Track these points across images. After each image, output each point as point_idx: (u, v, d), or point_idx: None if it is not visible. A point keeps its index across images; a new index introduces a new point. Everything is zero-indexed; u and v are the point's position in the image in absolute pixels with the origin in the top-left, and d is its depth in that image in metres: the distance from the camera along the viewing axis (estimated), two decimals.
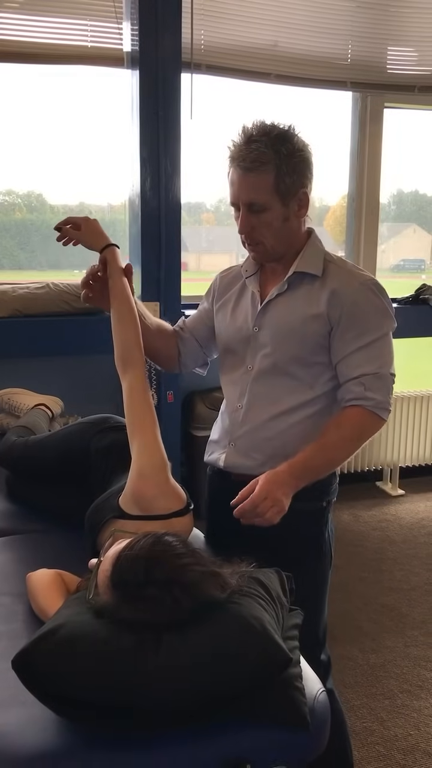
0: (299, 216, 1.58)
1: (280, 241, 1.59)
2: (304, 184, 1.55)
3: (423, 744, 2.12)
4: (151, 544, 1.23)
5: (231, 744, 1.14)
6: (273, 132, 1.51)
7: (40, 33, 3.04)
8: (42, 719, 1.15)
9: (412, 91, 3.74)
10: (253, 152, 1.49)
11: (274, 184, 1.51)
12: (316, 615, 1.67)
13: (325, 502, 1.68)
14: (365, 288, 1.57)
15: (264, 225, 1.55)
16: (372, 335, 1.55)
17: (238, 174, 1.53)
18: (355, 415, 1.55)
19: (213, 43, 3.29)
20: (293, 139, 1.53)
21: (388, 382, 1.56)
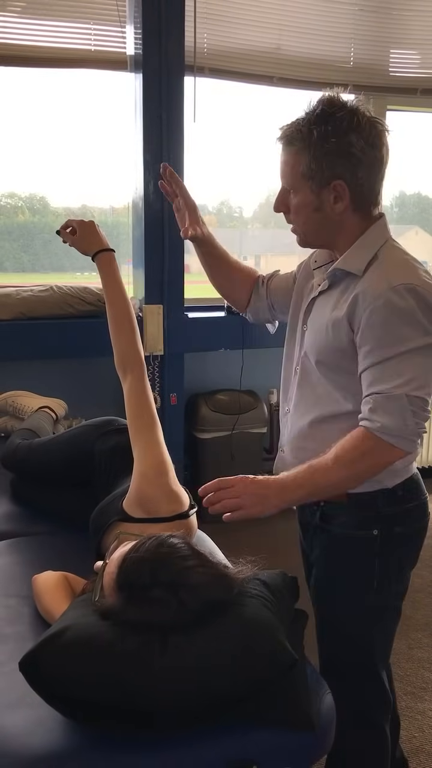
0: (336, 209, 1.38)
1: (317, 231, 1.44)
2: (338, 175, 1.35)
3: (427, 746, 2.12)
4: (156, 546, 1.24)
5: (237, 745, 1.15)
6: (318, 108, 1.35)
7: (44, 37, 3.05)
8: (49, 721, 1.16)
9: (415, 93, 3.74)
10: (291, 127, 1.37)
11: (302, 166, 1.36)
12: (363, 656, 1.53)
13: (377, 531, 1.45)
14: (394, 292, 1.30)
15: (295, 209, 1.42)
16: (392, 349, 1.31)
17: (280, 146, 1.42)
18: (357, 437, 1.34)
19: (216, 46, 3.30)
20: (334, 122, 1.33)
21: (403, 404, 1.30)
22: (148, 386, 1.69)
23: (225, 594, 1.21)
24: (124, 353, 1.70)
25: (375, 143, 1.36)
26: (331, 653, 1.55)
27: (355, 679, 1.52)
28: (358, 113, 1.34)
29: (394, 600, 1.52)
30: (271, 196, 4.40)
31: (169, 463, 1.59)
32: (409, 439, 1.33)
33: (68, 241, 1.83)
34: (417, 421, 1.32)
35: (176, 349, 3.27)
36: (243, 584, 1.26)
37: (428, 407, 1.34)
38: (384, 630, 1.54)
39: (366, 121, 1.34)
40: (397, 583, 1.51)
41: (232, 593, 1.22)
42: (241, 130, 3.72)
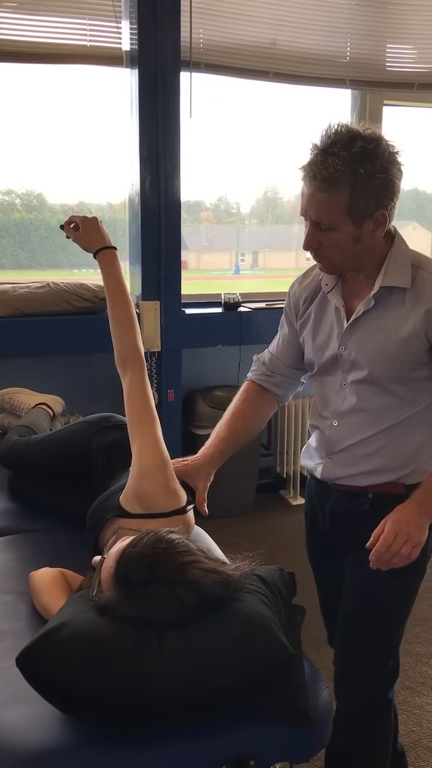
0: (375, 236, 1.42)
1: (351, 258, 1.46)
2: (383, 205, 1.39)
3: (425, 740, 2.13)
4: (154, 541, 1.24)
5: (234, 740, 1.15)
6: (354, 146, 1.33)
7: (39, 32, 3.04)
8: (46, 716, 1.16)
9: (411, 88, 3.73)
10: (328, 168, 1.33)
11: (346, 207, 1.36)
12: (397, 622, 1.61)
13: None
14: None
15: (331, 243, 1.42)
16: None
17: (309, 189, 1.38)
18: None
19: (212, 41, 3.29)
20: (377, 159, 1.35)
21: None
22: (148, 383, 1.69)
23: (222, 590, 1.21)
24: (125, 350, 1.70)
25: (401, 167, 1.40)
26: (366, 628, 1.58)
27: (376, 660, 1.58)
28: (386, 142, 1.38)
29: (423, 577, 1.59)
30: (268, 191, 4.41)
31: (168, 459, 1.59)
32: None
33: (71, 237, 1.82)
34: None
35: (173, 345, 3.27)
36: (240, 580, 1.26)
37: None
38: (410, 608, 1.61)
39: (393, 149, 1.39)
40: (429, 560, 1.58)
41: (230, 589, 1.22)
42: (238, 125, 3.72)
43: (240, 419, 1.70)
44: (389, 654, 1.61)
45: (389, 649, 1.61)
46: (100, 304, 3.12)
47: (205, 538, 1.81)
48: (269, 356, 1.74)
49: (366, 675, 1.59)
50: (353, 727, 1.58)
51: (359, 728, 1.59)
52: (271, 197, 4.36)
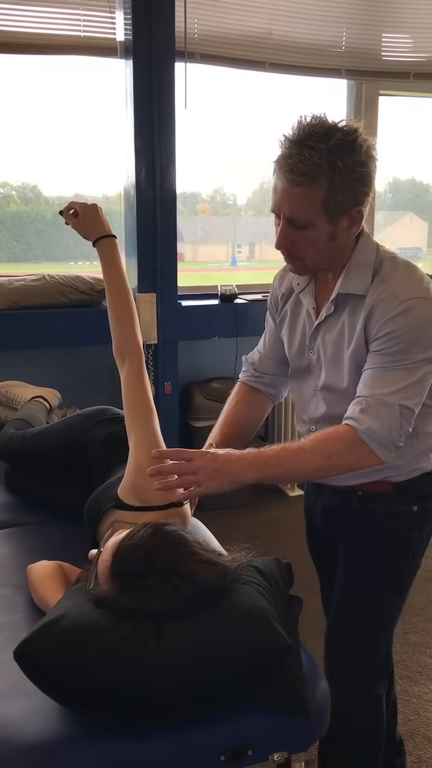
0: (350, 233, 1.37)
1: (324, 257, 1.40)
2: (359, 202, 1.33)
3: (423, 729, 2.14)
4: (150, 533, 1.24)
5: (232, 731, 1.16)
6: (332, 138, 1.27)
7: (32, 23, 3.02)
8: (44, 709, 1.16)
9: (407, 78, 3.72)
10: (305, 162, 1.26)
11: (323, 203, 1.30)
12: (383, 620, 1.57)
13: (418, 507, 1.51)
14: (417, 303, 1.32)
15: (305, 242, 1.36)
16: (400, 359, 1.33)
17: (283, 183, 1.31)
18: (339, 433, 1.35)
19: (207, 31, 3.27)
20: (356, 152, 1.28)
21: (394, 413, 1.32)
22: (146, 375, 1.69)
23: (219, 581, 1.21)
24: (123, 341, 1.70)
25: (376, 161, 1.34)
26: (346, 624, 1.58)
27: (366, 649, 1.57)
28: (363, 134, 1.31)
29: (416, 570, 1.58)
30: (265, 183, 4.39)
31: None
32: (388, 448, 1.34)
33: (70, 224, 1.80)
34: (400, 434, 1.34)
35: (170, 337, 3.27)
36: (237, 571, 1.26)
37: (412, 421, 1.36)
38: (399, 601, 1.59)
39: (368, 139, 1.32)
40: (420, 556, 1.57)
41: (227, 580, 1.22)
42: (233, 116, 3.70)
43: (233, 424, 1.67)
44: (375, 650, 1.58)
45: (374, 645, 1.58)
46: (96, 297, 3.12)
47: (202, 529, 1.82)
48: (258, 356, 1.71)
49: (350, 671, 1.56)
50: (340, 721, 1.57)
51: (346, 723, 1.56)
52: (268, 188, 4.34)
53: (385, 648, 1.62)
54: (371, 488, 1.50)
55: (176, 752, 1.13)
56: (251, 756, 1.16)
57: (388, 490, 1.49)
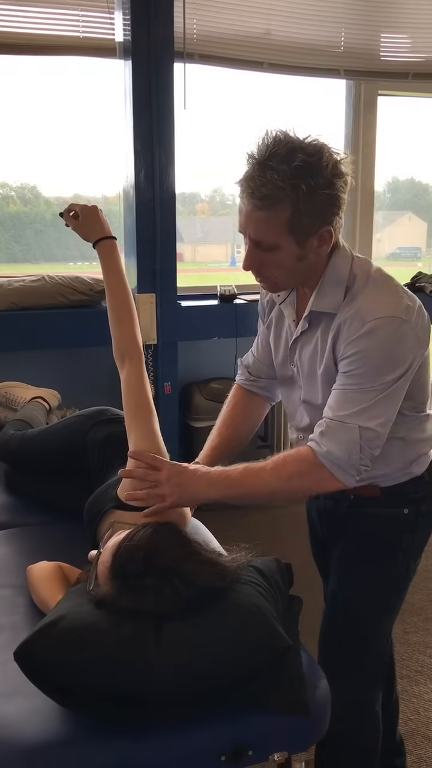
0: (320, 252, 1.34)
1: (294, 277, 1.39)
2: (328, 222, 1.30)
3: (423, 728, 2.14)
4: (150, 534, 1.24)
5: (232, 731, 1.16)
6: (295, 159, 1.23)
7: (31, 24, 3.02)
8: (45, 709, 1.16)
9: (406, 78, 3.72)
10: (267, 185, 1.23)
11: (288, 226, 1.27)
12: (374, 624, 1.55)
13: (408, 510, 1.49)
14: (381, 324, 1.29)
15: (273, 263, 1.34)
16: (362, 381, 1.31)
17: (246, 206, 1.28)
18: (300, 455, 1.34)
19: (205, 32, 3.27)
20: (321, 172, 1.24)
21: (354, 436, 1.29)
22: (146, 375, 1.69)
23: (219, 581, 1.21)
24: (123, 342, 1.70)
25: (347, 178, 1.30)
26: (340, 627, 1.57)
27: (357, 652, 1.55)
28: (330, 152, 1.27)
29: (410, 574, 1.57)
30: None
31: (164, 452, 1.59)
32: (349, 472, 1.32)
33: (70, 225, 1.80)
34: (362, 457, 1.31)
35: (169, 337, 3.27)
36: (237, 571, 1.26)
37: (379, 443, 1.33)
38: (392, 604, 1.57)
39: (338, 158, 1.28)
40: (415, 559, 1.56)
41: (226, 580, 1.23)
42: (232, 116, 3.70)
43: (230, 427, 1.67)
44: (366, 654, 1.56)
45: (365, 648, 1.55)
46: (96, 297, 3.12)
47: (202, 530, 1.82)
48: (252, 359, 1.70)
49: (341, 674, 1.49)
50: (333, 723, 1.56)
51: (339, 725, 1.56)
52: None
53: (379, 651, 1.59)
54: (361, 492, 1.48)
55: (176, 752, 1.13)
56: (251, 756, 1.16)
57: (378, 495, 1.48)
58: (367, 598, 1.53)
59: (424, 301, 1.43)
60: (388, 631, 1.61)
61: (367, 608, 1.54)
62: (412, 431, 1.46)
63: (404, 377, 1.32)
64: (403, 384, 1.33)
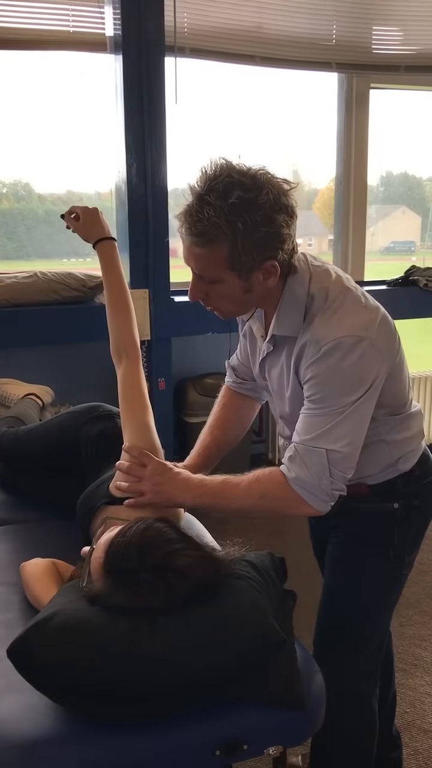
0: (267, 285, 1.30)
1: (244, 307, 1.38)
2: (270, 257, 1.26)
3: (419, 721, 2.15)
4: (143, 529, 1.24)
5: (227, 725, 1.16)
6: (231, 195, 1.19)
7: (21, 18, 3.00)
8: (39, 706, 1.16)
9: (398, 71, 3.71)
10: (203, 222, 1.20)
11: (227, 261, 1.24)
12: (365, 618, 1.54)
13: (398, 504, 1.47)
14: (335, 347, 1.26)
15: (219, 296, 1.32)
16: (323, 405, 1.29)
17: (185, 241, 1.27)
18: (274, 476, 1.34)
19: (196, 26, 3.25)
20: (257, 210, 1.20)
21: (321, 461, 1.28)
22: (142, 373, 1.70)
23: (213, 576, 1.21)
24: (121, 340, 1.71)
25: (292, 211, 1.26)
26: (333, 622, 1.57)
27: (349, 649, 1.55)
28: (271, 184, 1.23)
29: (405, 569, 1.55)
30: None
31: (158, 448, 1.59)
32: (321, 498, 1.31)
33: (72, 227, 1.82)
34: (333, 481, 1.30)
35: (163, 333, 3.26)
36: (231, 566, 1.26)
37: (349, 464, 1.31)
38: (389, 600, 1.56)
39: (279, 190, 1.24)
40: (409, 554, 1.54)
41: (220, 575, 1.22)
42: (224, 111, 3.69)
43: (221, 427, 1.69)
44: (359, 650, 1.55)
45: (357, 645, 1.54)
46: (89, 294, 3.11)
47: (195, 524, 1.82)
48: (237, 362, 1.70)
49: (337, 671, 1.49)
50: (328, 720, 1.57)
51: (333, 722, 1.56)
52: None
53: (374, 647, 1.58)
54: (350, 491, 1.44)
55: (171, 747, 1.14)
56: (246, 750, 1.16)
57: (366, 493, 1.47)
58: (357, 596, 1.52)
59: (418, 295, 1.43)
60: (383, 626, 1.60)
61: (360, 604, 1.53)
62: (393, 432, 1.44)
63: (366, 395, 1.29)
64: (366, 402, 1.30)
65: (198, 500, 1.38)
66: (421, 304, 3.75)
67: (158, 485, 1.39)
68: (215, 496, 1.37)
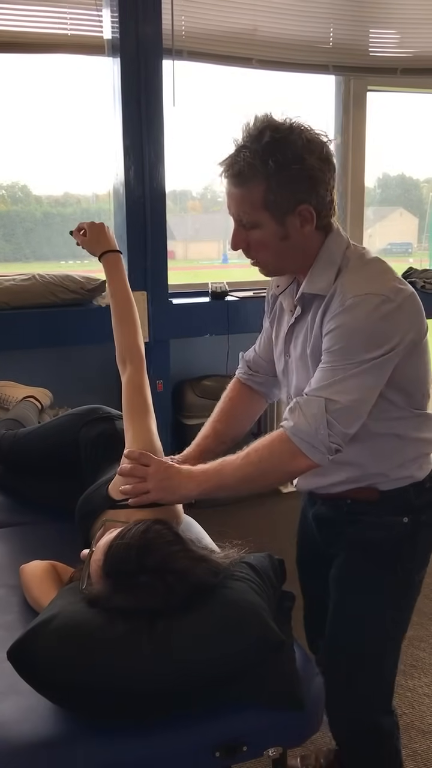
0: (304, 233, 1.33)
1: (283, 259, 1.38)
2: (303, 199, 1.29)
3: (417, 722, 2.15)
4: (142, 532, 1.24)
5: (226, 727, 1.16)
6: (264, 137, 1.27)
7: (18, 21, 3.00)
8: (39, 708, 1.16)
9: (395, 73, 3.72)
10: (239, 163, 1.28)
11: (262, 201, 1.29)
12: (381, 648, 1.49)
13: (408, 519, 1.43)
14: (361, 301, 1.27)
15: (257, 243, 1.35)
16: (338, 358, 1.28)
17: (227, 186, 1.34)
18: (271, 437, 1.33)
19: (194, 29, 3.26)
20: (288, 148, 1.26)
21: (319, 409, 1.26)
22: (146, 379, 1.72)
23: (211, 578, 1.22)
24: (126, 348, 1.74)
25: (327, 157, 1.31)
26: (340, 647, 1.52)
27: (358, 672, 1.49)
28: (304, 131, 1.29)
29: (413, 590, 1.51)
30: None
31: (160, 451, 1.60)
32: (319, 449, 1.28)
33: (80, 243, 1.88)
34: (330, 433, 1.27)
35: (161, 335, 3.27)
36: (230, 567, 1.27)
37: (349, 419, 1.29)
38: (397, 620, 1.51)
39: (313, 137, 1.30)
40: (418, 571, 1.49)
41: (219, 577, 1.23)
42: (222, 113, 3.70)
43: (223, 420, 1.67)
44: (374, 680, 1.51)
45: (371, 674, 1.50)
46: (87, 296, 3.11)
47: (194, 527, 1.82)
48: (253, 354, 1.70)
49: (350, 703, 1.48)
50: (349, 753, 1.55)
51: (355, 754, 1.55)
52: None
53: (388, 673, 1.52)
54: (359, 496, 1.44)
55: (171, 749, 1.14)
56: (246, 752, 1.16)
57: (376, 499, 1.43)
58: (363, 614, 1.47)
59: None
60: (392, 648, 1.54)
61: (364, 626, 1.48)
62: (410, 429, 1.41)
63: (385, 358, 1.27)
64: (383, 365, 1.28)
65: (203, 486, 1.36)
66: None
67: (162, 481, 1.38)
68: (218, 475, 1.36)
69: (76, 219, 3.80)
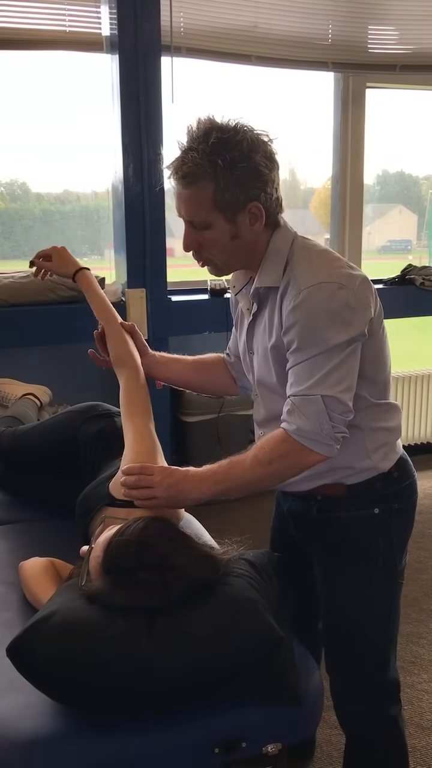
0: (254, 231, 1.36)
1: (233, 257, 1.41)
2: (253, 197, 1.33)
3: (416, 718, 2.15)
4: (141, 529, 1.25)
5: (225, 723, 1.16)
6: (211, 138, 1.29)
7: (17, 18, 3.00)
8: (39, 705, 1.16)
9: (394, 70, 3.71)
10: (188, 164, 1.30)
11: (212, 201, 1.31)
12: (377, 636, 1.49)
13: (379, 509, 1.44)
14: (316, 290, 1.28)
15: (209, 243, 1.37)
16: (310, 350, 1.29)
17: (176, 187, 1.35)
18: (275, 438, 1.34)
19: (193, 25, 3.26)
20: (235, 147, 1.29)
21: (318, 407, 1.28)
22: (143, 378, 1.72)
23: (210, 574, 1.22)
24: (118, 356, 1.75)
25: (271, 155, 1.34)
26: (340, 646, 1.52)
27: (356, 669, 1.50)
28: (248, 131, 1.32)
29: (398, 577, 1.51)
30: None
31: (159, 451, 1.60)
32: (326, 443, 1.31)
33: (45, 268, 1.88)
34: (333, 425, 1.30)
35: (160, 332, 3.26)
36: (229, 564, 1.27)
37: (346, 410, 1.31)
38: (390, 611, 1.52)
39: (257, 136, 1.33)
40: (400, 559, 1.50)
41: (218, 573, 1.23)
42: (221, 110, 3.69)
43: (196, 362, 1.81)
44: (377, 669, 1.51)
45: (373, 664, 1.50)
46: None
47: (194, 524, 1.82)
48: (229, 349, 1.75)
49: (358, 696, 1.50)
50: (359, 748, 1.55)
51: (365, 749, 1.55)
52: None
53: (388, 664, 1.52)
54: (327, 492, 1.44)
55: (170, 745, 1.14)
56: (245, 748, 1.17)
57: (343, 494, 1.43)
58: (353, 613, 1.48)
59: (414, 293, 1.43)
60: (387, 643, 1.53)
61: (368, 630, 1.48)
62: (369, 419, 1.42)
63: (356, 341, 1.30)
64: (356, 349, 1.32)
65: (213, 488, 1.35)
66: (418, 302, 3.76)
67: (171, 487, 1.35)
68: (228, 478, 1.35)
69: (75, 216, 3.81)
